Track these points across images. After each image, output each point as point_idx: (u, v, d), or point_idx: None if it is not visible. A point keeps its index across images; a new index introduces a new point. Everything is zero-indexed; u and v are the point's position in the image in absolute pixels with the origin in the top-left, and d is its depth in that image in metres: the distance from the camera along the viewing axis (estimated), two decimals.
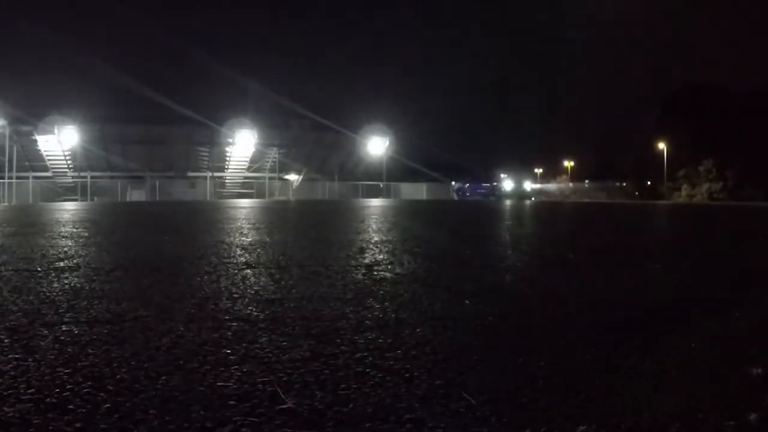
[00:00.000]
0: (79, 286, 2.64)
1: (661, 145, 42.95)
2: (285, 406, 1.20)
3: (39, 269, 3.16)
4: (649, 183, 47.79)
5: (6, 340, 1.69)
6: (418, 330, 1.85)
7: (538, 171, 61.66)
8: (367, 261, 3.57)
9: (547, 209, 15.25)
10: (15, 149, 33.21)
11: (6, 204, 25.09)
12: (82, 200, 32.17)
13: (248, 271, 3.14)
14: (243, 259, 3.61)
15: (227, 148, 37.30)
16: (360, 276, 2.98)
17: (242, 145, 36.76)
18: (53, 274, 2.97)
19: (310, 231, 6.68)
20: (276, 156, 37.75)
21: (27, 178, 34.67)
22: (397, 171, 38.96)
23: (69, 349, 1.60)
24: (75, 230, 6.05)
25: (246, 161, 38.44)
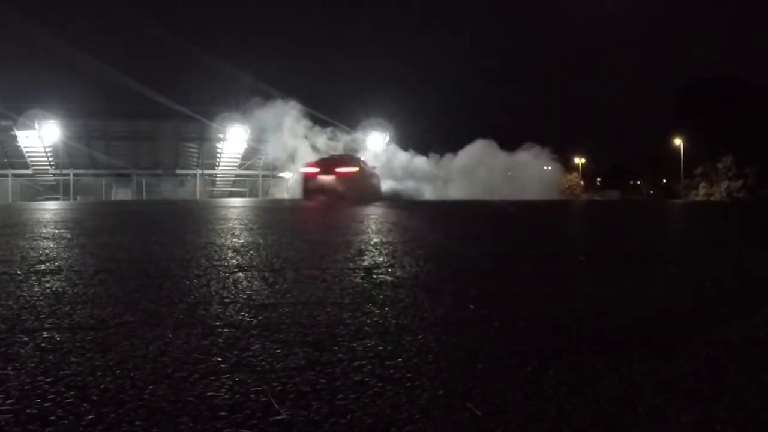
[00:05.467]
0: (61, 290, 2.64)
1: (678, 142, 42.99)
2: (279, 418, 1.21)
3: (19, 272, 3.16)
4: (664, 181, 47.85)
5: None
6: (420, 337, 1.85)
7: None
8: (366, 264, 3.58)
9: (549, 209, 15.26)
10: None
11: None
12: (64, 199, 32.21)
13: (240, 274, 3.14)
14: (235, 262, 3.61)
15: (218, 144, 37.30)
16: (358, 279, 2.98)
17: (234, 140, 36.72)
18: (34, 278, 2.98)
19: (305, 232, 6.69)
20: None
21: (6, 176, 34.73)
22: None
23: (50, 357, 1.60)
24: (57, 231, 6.06)
25: (238, 158, 38.46)
